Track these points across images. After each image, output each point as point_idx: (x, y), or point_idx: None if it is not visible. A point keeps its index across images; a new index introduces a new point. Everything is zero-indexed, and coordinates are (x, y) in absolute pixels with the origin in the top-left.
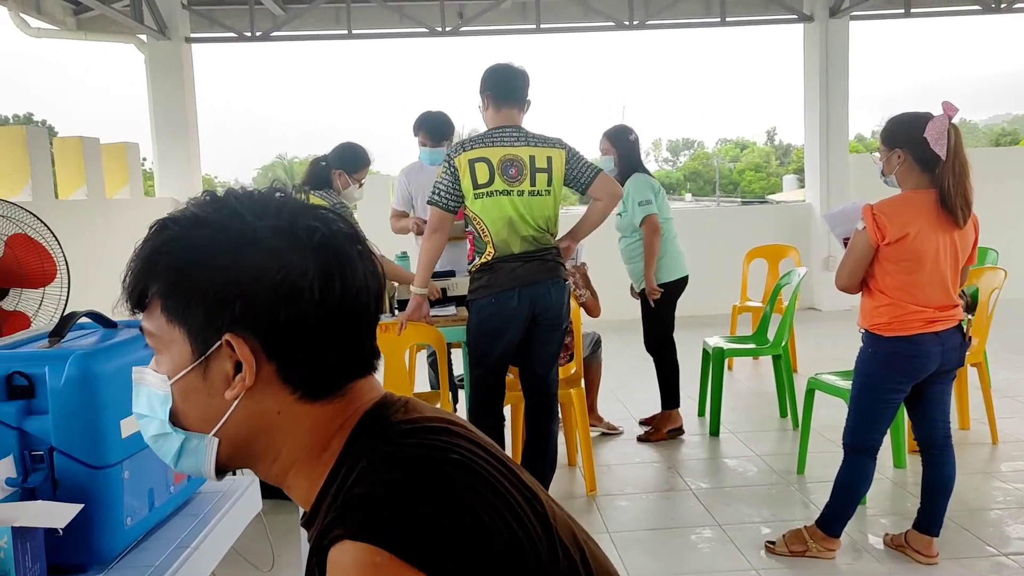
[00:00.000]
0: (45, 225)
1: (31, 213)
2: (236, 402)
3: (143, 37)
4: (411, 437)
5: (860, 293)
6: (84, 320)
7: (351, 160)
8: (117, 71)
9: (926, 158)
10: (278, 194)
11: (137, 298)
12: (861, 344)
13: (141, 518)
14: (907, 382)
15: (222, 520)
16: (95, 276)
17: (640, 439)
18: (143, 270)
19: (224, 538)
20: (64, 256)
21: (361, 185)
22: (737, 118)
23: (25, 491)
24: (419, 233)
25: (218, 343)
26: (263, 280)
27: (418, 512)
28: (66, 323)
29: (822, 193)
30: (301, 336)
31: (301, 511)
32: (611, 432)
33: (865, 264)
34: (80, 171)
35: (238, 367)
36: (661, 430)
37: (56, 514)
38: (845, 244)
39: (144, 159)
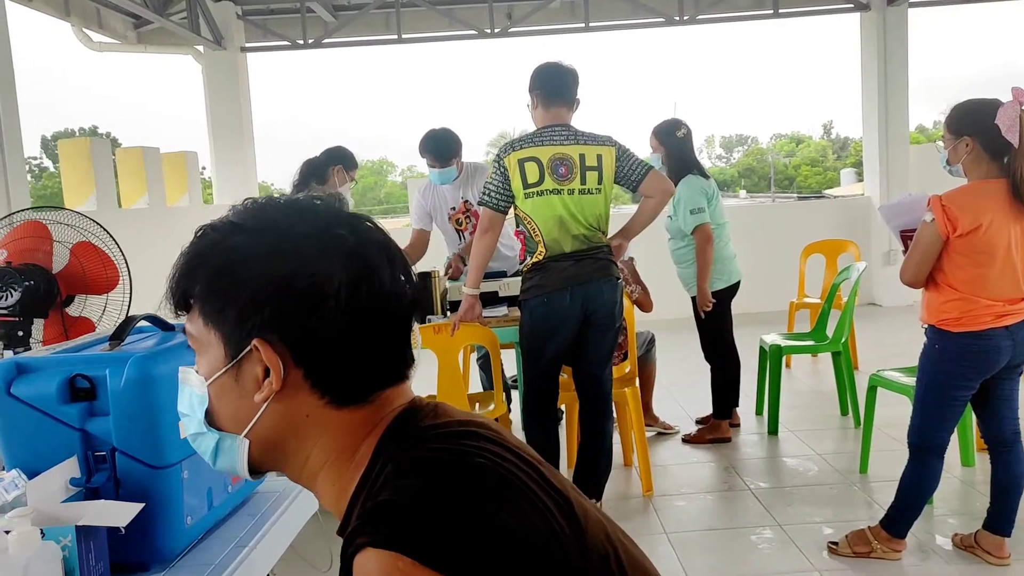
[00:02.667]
0: (108, 233)
1: (95, 221)
2: (265, 405)
3: (200, 48)
4: (436, 442)
5: (923, 288)
6: (143, 324)
7: (348, 158)
8: (176, 82)
9: (996, 146)
10: (317, 202)
11: (180, 300)
12: (925, 340)
13: (200, 517)
14: (976, 379)
15: (280, 519)
16: (155, 282)
17: (685, 439)
18: (184, 274)
19: (282, 537)
20: (127, 263)
21: (355, 182)
22: (792, 112)
23: (88, 491)
24: (453, 278)
25: (248, 347)
26: (292, 286)
27: (440, 517)
28: (126, 327)
29: (881, 186)
30: (328, 342)
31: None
32: (666, 432)
33: (933, 257)
34: (142, 180)
35: (268, 371)
36: (704, 437)
37: (118, 513)
38: (901, 238)
39: (203, 167)
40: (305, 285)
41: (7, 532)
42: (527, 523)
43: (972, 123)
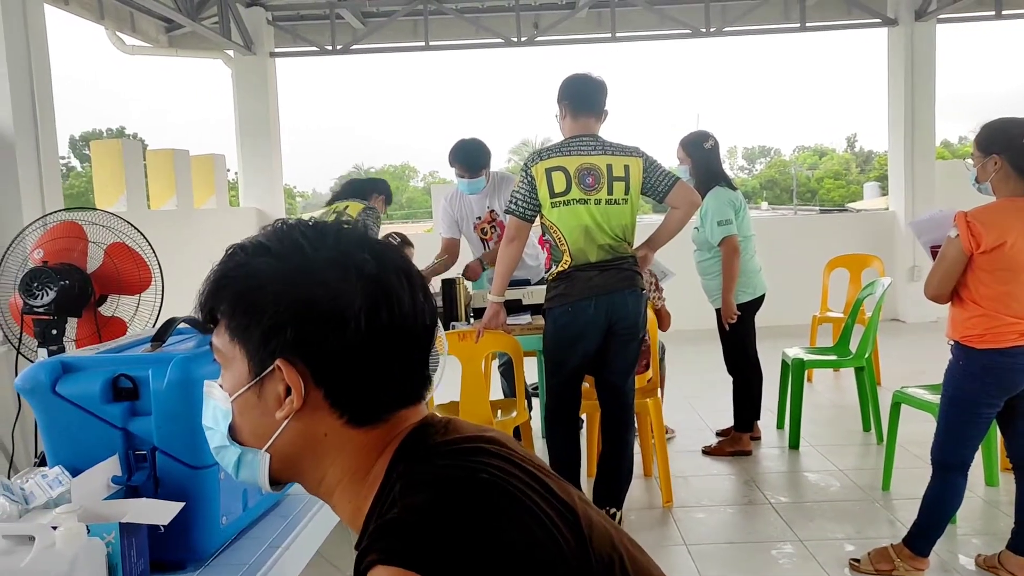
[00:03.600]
0: (141, 234)
1: (128, 223)
2: (285, 423)
3: (230, 52)
4: (444, 459)
5: (949, 304)
6: (182, 326)
7: (389, 194)
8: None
9: None
10: (343, 227)
11: (208, 315)
12: (950, 356)
13: (235, 518)
14: (1000, 396)
15: (311, 523)
16: (184, 283)
17: (705, 451)
18: (212, 292)
19: (312, 540)
20: (159, 264)
21: (385, 215)
22: (816, 125)
23: (129, 489)
24: (468, 278)
25: (271, 367)
26: (313, 309)
27: (447, 534)
28: (167, 328)
29: (907, 201)
30: (347, 364)
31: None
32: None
33: (957, 273)
34: (171, 182)
35: (289, 389)
36: (724, 449)
37: (160, 511)
38: (931, 253)
39: (228, 170)
40: (326, 309)
41: (54, 528)
42: (531, 537)
43: (1001, 141)
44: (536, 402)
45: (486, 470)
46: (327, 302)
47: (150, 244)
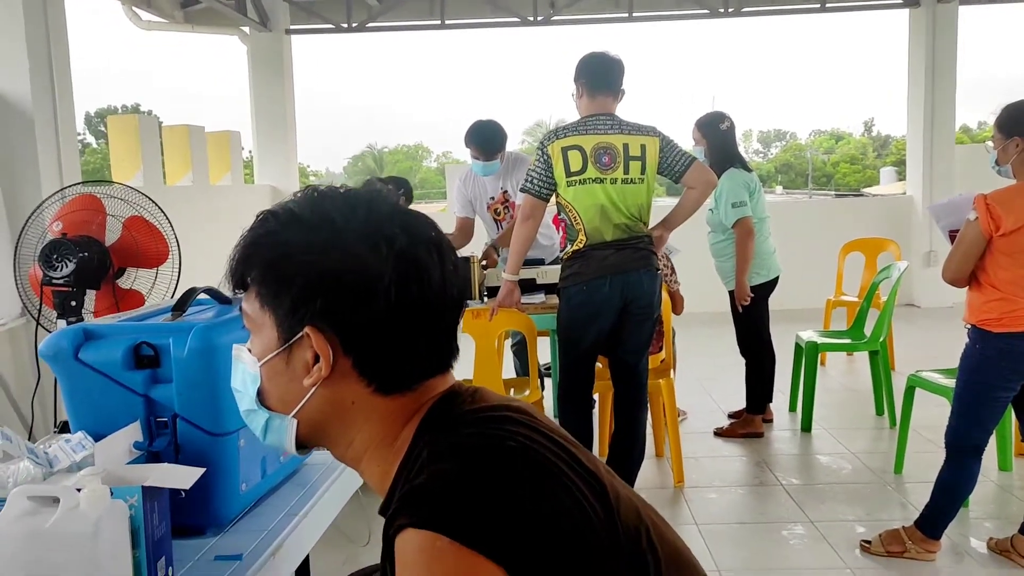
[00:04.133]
0: (159, 208)
1: (147, 196)
2: (313, 389)
3: (246, 29)
4: (471, 427)
5: (967, 287)
6: (201, 296)
7: (410, 193)
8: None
9: None
10: (374, 195)
11: (238, 281)
12: (967, 340)
13: (254, 485)
14: (1017, 380)
15: (327, 492)
16: (199, 258)
17: (716, 432)
18: (243, 258)
19: (329, 509)
20: (176, 238)
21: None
22: (833, 108)
23: (151, 455)
24: (490, 265)
25: (300, 334)
26: (343, 280)
27: (475, 499)
28: (187, 298)
29: (924, 186)
30: (376, 335)
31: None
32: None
33: (975, 256)
34: (186, 159)
35: (317, 357)
36: (736, 431)
37: (181, 476)
38: (950, 237)
39: (243, 148)
40: (356, 281)
41: (79, 490)
42: (559, 504)
43: (1023, 124)
44: (549, 381)
45: (513, 438)
46: (357, 274)
47: (167, 218)
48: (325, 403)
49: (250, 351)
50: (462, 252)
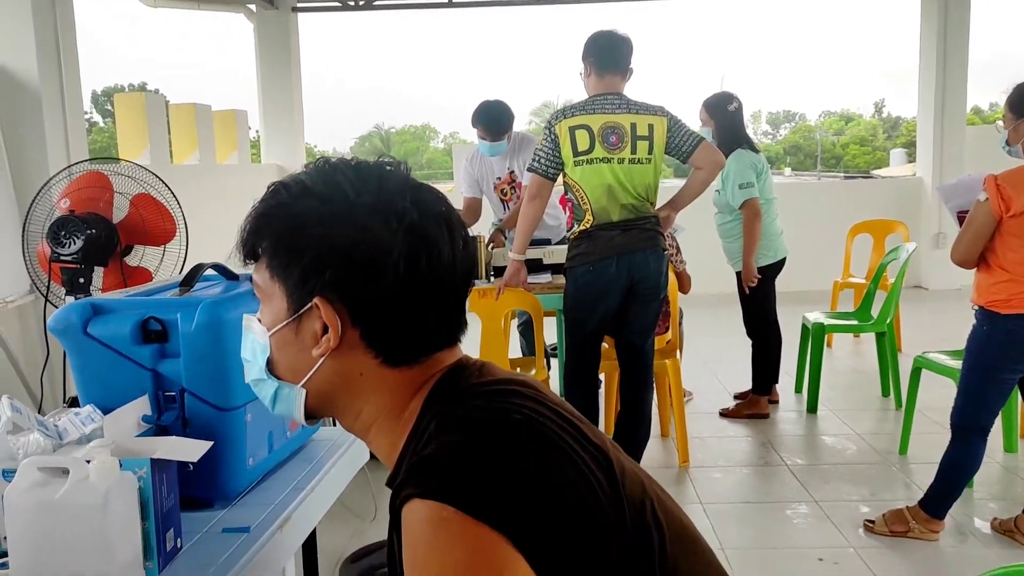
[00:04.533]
0: (166, 186)
1: (153, 174)
2: (322, 360)
3: (252, 7)
4: (479, 399)
5: (975, 269)
6: (209, 272)
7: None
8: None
9: None
10: (387, 167)
11: (249, 251)
12: (974, 321)
13: (261, 459)
14: (1023, 362)
15: (334, 467)
16: (206, 236)
17: (722, 413)
18: (254, 229)
19: (335, 484)
20: (183, 216)
21: None
22: (843, 89)
23: (159, 428)
24: (499, 246)
25: (309, 304)
26: (353, 253)
27: (482, 471)
28: (195, 274)
29: (935, 168)
30: (384, 308)
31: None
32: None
33: (985, 237)
34: (193, 137)
35: (326, 328)
36: (742, 412)
37: (190, 449)
38: (958, 219)
39: (249, 127)
40: (366, 254)
41: (88, 462)
42: (564, 477)
43: None
44: (555, 361)
45: (519, 411)
46: (367, 248)
47: (174, 195)
48: (333, 374)
49: (260, 321)
50: (469, 232)
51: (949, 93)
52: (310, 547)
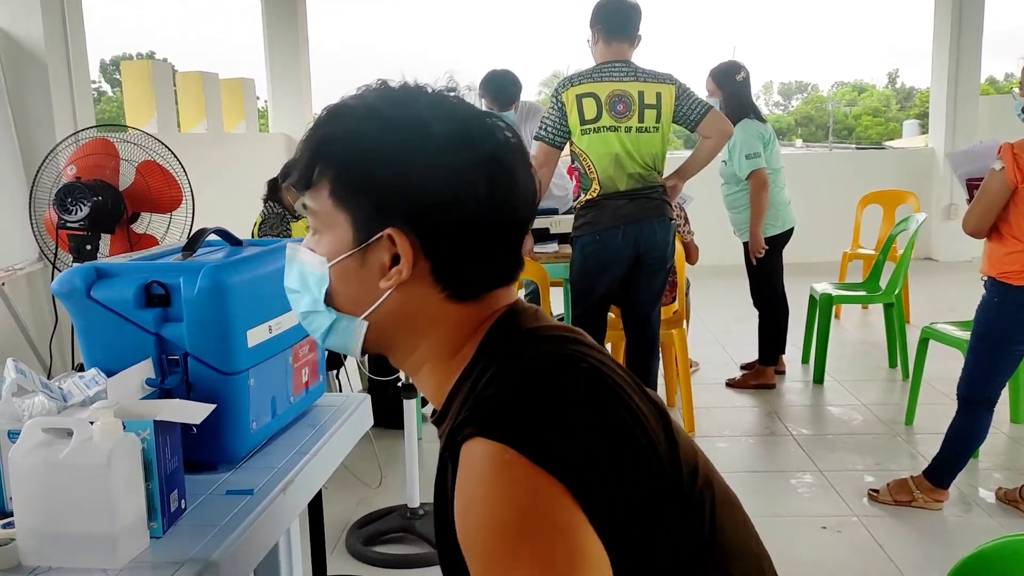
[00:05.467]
0: (172, 153)
1: (160, 141)
2: (388, 293)
3: None
4: (543, 344)
5: (986, 239)
6: (212, 237)
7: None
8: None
9: None
10: (452, 95)
11: (306, 178)
12: (984, 292)
13: (265, 424)
14: None
15: (337, 432)
16: (213, 205)
17: (728, 383)
18: (316, 153)
19: (339, 449)
20: (190, 184)
21: None
22: (856, 60)
23: (162, 392)
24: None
25: (380, 235)
26: (432, 182)
27: (546, 415)
28: (198, 239)
29: (947, 138)
30: (459, 240)
31: (431, 409)
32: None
33: (998, 207)
34: (200, 106)
35: (395, 259)
36: (748, 382)
37: (192, 411)
38: (967, 186)
39: (257, 98)
40: (446, 183)
41: (92, 423)
42: (627, 431)
43: None
44: None
45: (586, 360)
46: (448, 176)
47: (180, 163)
48: (397, 306)
49: (312, 250)
50: None
51: (963, 64)
52: (316, 513)
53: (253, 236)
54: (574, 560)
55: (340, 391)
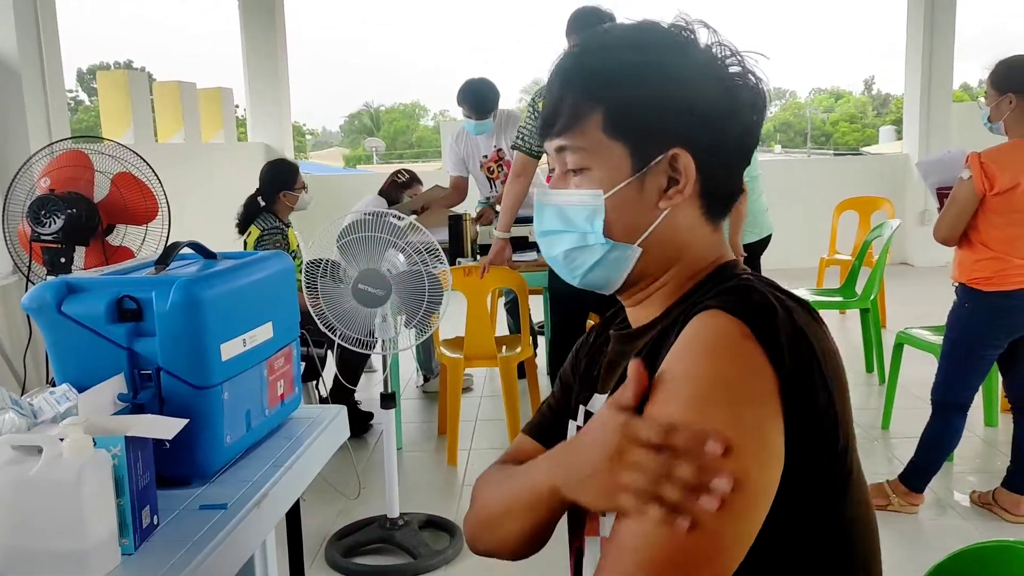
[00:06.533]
0: (148, 165)
1: (135, 153)
2: (664, 213)
3: None
4: (775, 289)
5: (956, 246)
6: (185, 251)
7: (285, 175)
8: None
9: None
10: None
11: (576, 117)
12: (956, 298)
13: (239, 437)
14: (1004, 338)
15: (313, 444)
16: (191, 215)
17: None
18: (584, 91)
19: (315, 461)
20: (165, 195)
21: (307, 189)
22: (833, 66)
23: (135, 407)
24: (487, 223)
25: (659, 157)
26: (705, 97)
27: (786, 325)
28: (171, 252)
29: (921, 144)
30: (726, 155)
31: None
32: None
33: (968, 215)
34: (178, 115)
35: (669, 182)
36: None
37: (164, 427)
38: (937, 195)
39: (237, 105)
40: (716, 99)
41: (61, 439)
42: (835, 381)
43: (1017, 79)
44: (541, 340)
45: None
46: (716, 92)
47: (156, 174)
48: (668, 229)
49: (579, 189)
50: (455, 211)
51: (936, 70)
52: (294, 526)
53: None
54: (760, 450)
55: (320, 401)
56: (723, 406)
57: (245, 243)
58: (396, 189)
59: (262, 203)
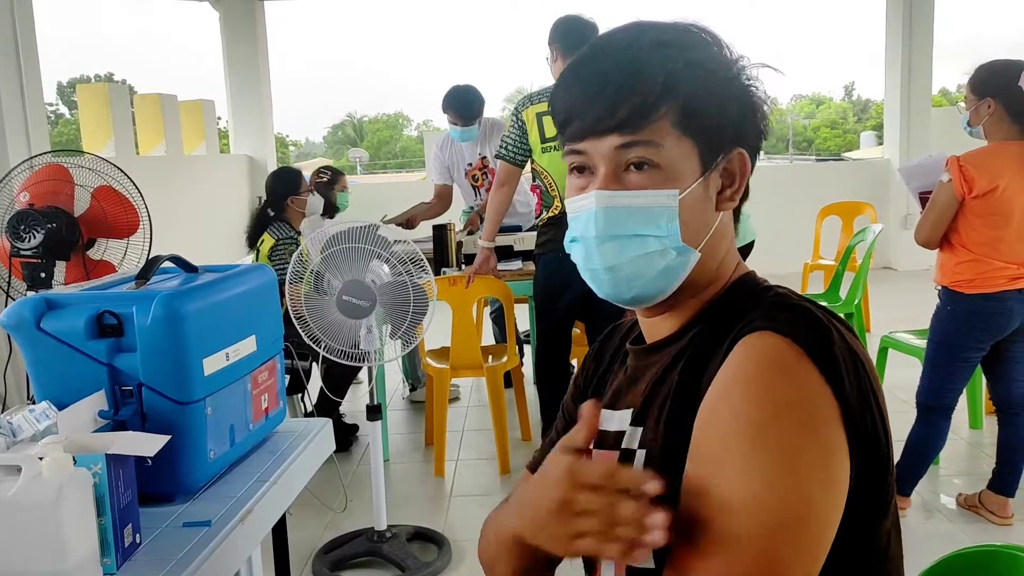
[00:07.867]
0: (129, 178)
1: (116, 166)
2: (720, 216)
3: None
4: (802, 299)
5: (938, 249)
6: (166, 265)
7: (290, 182)
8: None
9: (1018, 109)
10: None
11: (649, 113)
12: (938, 301)
13: (223, 452)
14: (987, 341)
15: (299, 458)
16: (172, 228)
17: None
18: (663, 87)
19: (300, 475)
20: (147, 208)
21: (313, 192)
22: (814, 73)
23: (116, 423)
24: (474, 231)
25: (723, 156)
26: (752, 97)
27: (836, 343)
28: (151, 266)
29: (902, 149)
30: (755, 159)
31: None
32: None
33: (948, 218)
34: (159, 128)
35: (723, 183)
36: None
37: (146, 443)
38: (920, 200)
39: (219, 117)
40: (757, 99)
41: (41, 458)
42: (882, 398)
43: (996, 84)
44: (528, 349)
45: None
46: (761, 96)
47: (137, 187)
48: (723, 227)
49: (648, 190)
50: (439, 220)
51: (915, 75)
52: (280, 539)
53: (256, 261)
54: (824, 478)
55: (306, 414)
56: (787, 433)
57: (258, 252)
58: (325, 188)
59: (271, 213)
